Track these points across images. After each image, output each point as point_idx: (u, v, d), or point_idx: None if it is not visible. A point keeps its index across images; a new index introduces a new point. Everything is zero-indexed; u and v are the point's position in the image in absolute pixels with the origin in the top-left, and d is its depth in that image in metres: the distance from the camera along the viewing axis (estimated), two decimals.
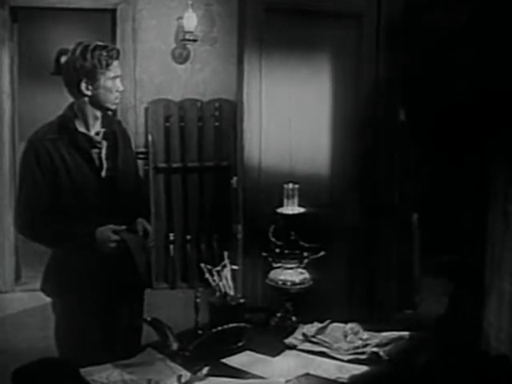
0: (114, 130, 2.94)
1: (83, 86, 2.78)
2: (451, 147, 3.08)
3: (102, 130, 2.89)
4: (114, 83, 2.82)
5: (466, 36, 3.60)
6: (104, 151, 2.87)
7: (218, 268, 2.64)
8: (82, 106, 2.84)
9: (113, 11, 6.23)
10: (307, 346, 2.56)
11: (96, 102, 2.83)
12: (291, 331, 2.67)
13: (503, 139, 3.26)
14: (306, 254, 2.78)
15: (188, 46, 6.32)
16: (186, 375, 2.25)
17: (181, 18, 6.22)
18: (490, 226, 3.17)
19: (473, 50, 3.50)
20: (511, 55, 3.06)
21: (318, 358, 2.46)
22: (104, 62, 2.76)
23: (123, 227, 2.77)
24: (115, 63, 2.81)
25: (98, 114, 2.87)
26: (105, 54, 2.77)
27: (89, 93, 2.80)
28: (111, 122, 2.95)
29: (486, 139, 3.21)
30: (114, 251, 2.74)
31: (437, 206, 3.43)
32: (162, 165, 6.33)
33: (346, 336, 2.61)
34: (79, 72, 2.76)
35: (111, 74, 2.80)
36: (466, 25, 3.49)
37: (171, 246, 6.38)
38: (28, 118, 6.51)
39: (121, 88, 2.86)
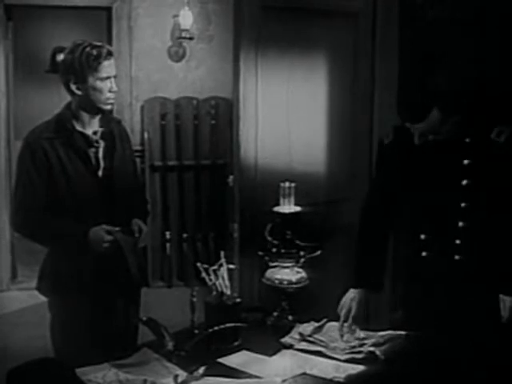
0: (112, 129, 2.91)
1: (72, 85, 2.75)
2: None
3: (100, 129, 2.86)
4: (104, 84, 2.75)
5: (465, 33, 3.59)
6: (101, 150, 2.85)
7: (215, 267, 2.63)
8: (77, 105, 2.82)
9: (108, 9, 6.22)
10: (304, 345, 2.55)
11: (86, 102, 2.77)
12: (288, 330, 2.66)
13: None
14: (302, 253, 2.77)
15: (184, 43, 6.31)
16: (182, 375, 2.24)
17: (177, 15, 6.21)
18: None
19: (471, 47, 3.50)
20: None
21: (315, 358, 2.45)
22: (93, 62, 2.70)
23: (117, 228, 2.76)
24: (106, 63, 2.74)
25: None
26: (95, 53, 2.71)
27: (79, 92, 2.76)
28: (109, 122, 2.92)
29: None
30: (106, 252, 2.73)
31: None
32: (158, 163, 6.32)
33: (342, 335, 2.61)
34: (68, 71, 2.74)
35: (102, 75, 2.73)
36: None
37: (167, 245, 6.37)
38: (23, 117, 6.52)
39: (114, 89, 2.79)
